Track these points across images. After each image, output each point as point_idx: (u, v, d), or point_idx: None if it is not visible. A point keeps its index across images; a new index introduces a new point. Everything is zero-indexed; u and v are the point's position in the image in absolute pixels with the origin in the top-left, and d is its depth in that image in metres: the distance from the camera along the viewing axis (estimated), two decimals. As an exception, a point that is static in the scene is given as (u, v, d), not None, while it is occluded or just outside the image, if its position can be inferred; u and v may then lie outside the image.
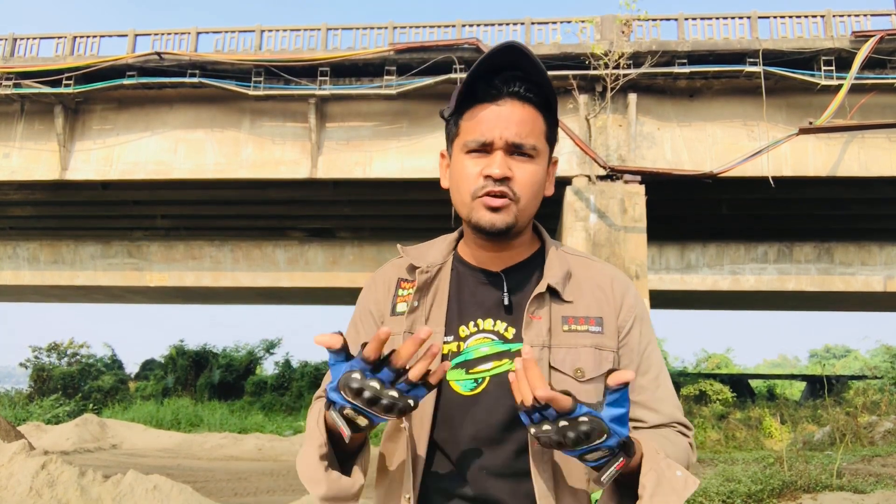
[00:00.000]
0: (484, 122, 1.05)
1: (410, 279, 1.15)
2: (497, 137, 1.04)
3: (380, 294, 1.18)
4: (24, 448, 5.90)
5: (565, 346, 1.07)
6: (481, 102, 1.06)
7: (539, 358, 1.04)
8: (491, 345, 1.08)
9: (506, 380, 1.01)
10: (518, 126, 1.04)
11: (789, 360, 60.29)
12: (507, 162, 1.05)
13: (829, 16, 12.16)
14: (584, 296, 1.11)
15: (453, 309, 1.11)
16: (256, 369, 23.55)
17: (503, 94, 1.05)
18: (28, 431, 11.33)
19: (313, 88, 12.59)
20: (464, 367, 1.07)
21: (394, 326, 1.10)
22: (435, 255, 1.16)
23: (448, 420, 1.06)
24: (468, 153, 1.07)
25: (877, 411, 14.06)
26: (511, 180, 1.05)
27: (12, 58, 13.41)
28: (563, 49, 12.30)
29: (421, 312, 1.10)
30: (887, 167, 12.32)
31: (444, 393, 1.07)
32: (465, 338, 1.09)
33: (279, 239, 16.92)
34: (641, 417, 1.10)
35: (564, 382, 1.04)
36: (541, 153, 1.08)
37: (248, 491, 8.34)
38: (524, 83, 1.05)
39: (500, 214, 1.05)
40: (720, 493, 5.91)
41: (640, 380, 1.11)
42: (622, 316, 1.11)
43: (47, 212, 16.67)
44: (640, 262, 11.95)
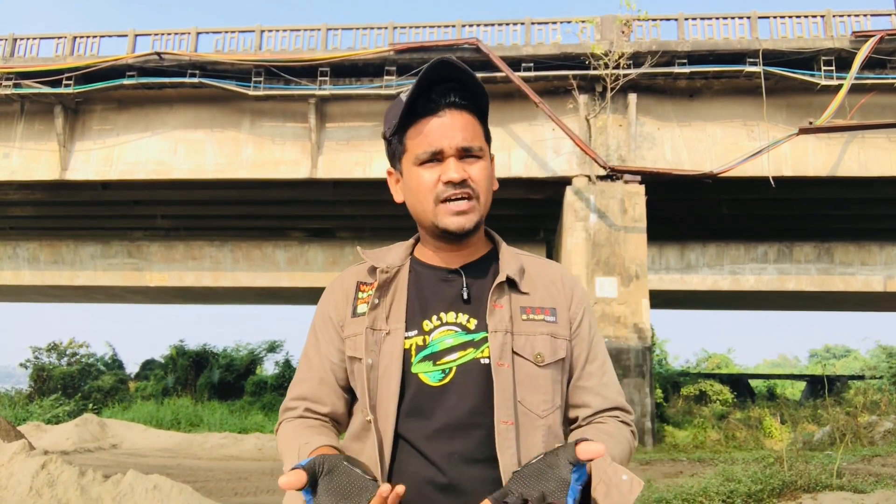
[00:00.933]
0: (431, 134, 1.12)
1: (369, 281, 1.20)
2: (447, 146, 1.11)
3: (339, 300, 1.22)
4: (24, 448, 5.90)
5: (525, 333, 1.13)
6: (423, 117, 1.13)
7: (503, 343, 1.10)
8: (455, 336, 1.12)
9: (471, 368, 1.09)
10: (463, 132, 1.12)
11: (789, 360, 60.31)
12: (461, 165, 1.12)
13: (829, 16, 12.16)
14: (538, 289, 1.19)
15: (414, 305, 1.16)
16: (257, 369, 23.55)
17: (441, 105, 1.12)
18: (28, 431, 11.33)
19: (313, 88, 12.59)
20: (431, 359, 1.12)
21: (356, 327, 1.16)
22: (393, 258, 1.21)
23: (417, 411, 1.09)
24: (421, 165, 1.13)
25: (877, 411, 14.06)
26: (468, 181, 1.12)
27: (12, 58, 13.42)
28: (563, 49, 12.30)
29: (381, 309, 1.15)
30: (887, 167, 12.32)
31: (412, 385, 1.10)
32: (430, 331, 1.13)
33: (279, 239, 16.93)
34: (588, 402, 1.19)
35: (526, 366, 1.11)
36: (485, 152, 1.16)
37: (249, 491, 8.34)
38: (458, 93, 1.13)
39: (466, 216, 1.12)
40: (720, 493, 5.90)
41: (589, 367, 1.20)
42: (573, 308, 1.20)
43: (47, 212, 16.67)
44: (640, 262, 11.95)
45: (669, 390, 19.70)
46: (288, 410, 1.23)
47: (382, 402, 1.09)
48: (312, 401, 1.20)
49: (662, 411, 16.62)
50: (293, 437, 1.15)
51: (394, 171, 1.22)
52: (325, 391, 1.20)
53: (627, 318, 11.75)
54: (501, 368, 1.09)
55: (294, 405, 1.22)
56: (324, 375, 1.20)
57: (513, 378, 1.09)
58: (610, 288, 11.82)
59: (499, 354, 1.09)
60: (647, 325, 11.87)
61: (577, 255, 12.02)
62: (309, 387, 1.21)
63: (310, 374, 1.21)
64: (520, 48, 12.47)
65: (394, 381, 1.09)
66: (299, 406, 1.21)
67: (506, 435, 1.06)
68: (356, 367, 1.15)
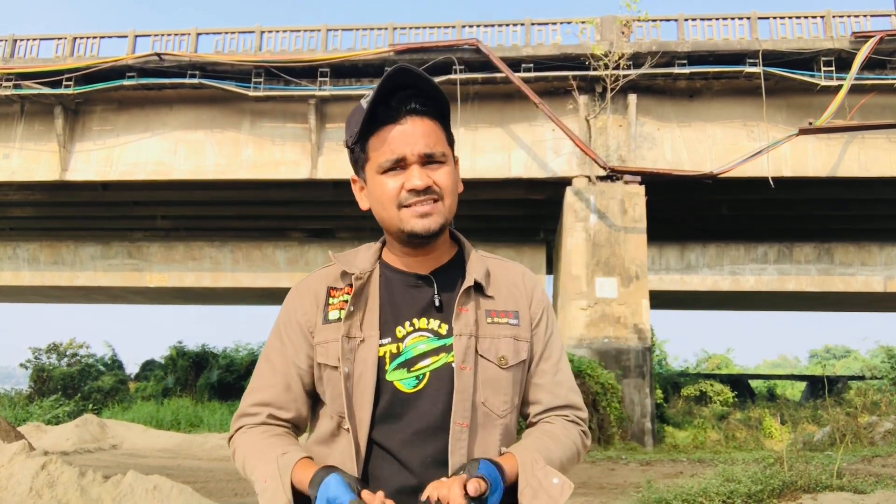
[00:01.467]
0: (393, 142, 1.12)
1: (340, 286, 1.20)
2: (409, 153, 1.12)
3: (307, 304, 1.21)
4: (24, 448, 5.90)
5: (489, 336, 1.15)
6: (384, 125, 1.13)
7: (467, 346, 1.12)
8: (427, 342, 1.14)
9: (444, 373, 1.11)
10: (425, 138, 1.12)
11: (789, 361, 60.30)
12: (424, 172, 1.12)
13: (828, 16, 12.16)
14: (502, 292, 1.21)
15: (387, 312, 1.17)
16: (257, 370, 23.54)
17: (402, 113, 1.13)
18: (28, 432, 11.32)
19: (313, 89, 12.59)
20: (405, 366, 1.13)
21: (329, 334, 1.15)
22: (363, 262, 1.21)
23: (391, 418, 1.11)
24: (384, 173, 1.14)
25: (877, 411, 14.05)
26: (432, 187, 1.12)
27: (12, 59, 13.42)
28: (563, 50, 12.31)
29: (356, 317, 1.15)
30: (887, 167, 12.32)
31: (387, 393, 1.12)
32: (403, 338, 1.14)
33: (279, 240, 16.93)
34: (539, 399, 1.22)
35: (490, 368, 1.13)
36: (448, 157, 1.16)
37: (248, 491, 8.33)
38: (418, 99, 1.13)
39: (431, 218, 1.12)
40: (720, 494, 5.90)
41: (543, 365, 1.22)
42: (533, 308, 1.22)
43: (47, 212, 16.67)
44: (640, 262, 11.95)
45: (669, 391, 19.71)
46: (246, 416, 1.20)
47: (357, 410, 1.10)
48: (276, 407, 1.18)
49: (662, 412, 16.62)
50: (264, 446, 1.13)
51: (358, 178, 1.23)
52: (290, 397, 1.19)
53: (627, 318, 11.75)
54: (463, 371, 1.11)
55: (255, 411, 1.19)
56: (290, 381, 1.18)
57: (474, 380, 1.11)
58: (610, 288, 11.82)
59: (462, 358, 1.11)
60: (647, 325, 11.87)
61: (577, 255, 12.02)
62: (273, 393, 1.19)
63: (274, 379, 1.19)
64: (520, 49, 12.47)
65: (368, 389, 1.10)
66: (261, 412, 1.19)
67: (458, 436, 1.08)
68: (327, 373, 1.14)
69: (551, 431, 1.19)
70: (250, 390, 1.23)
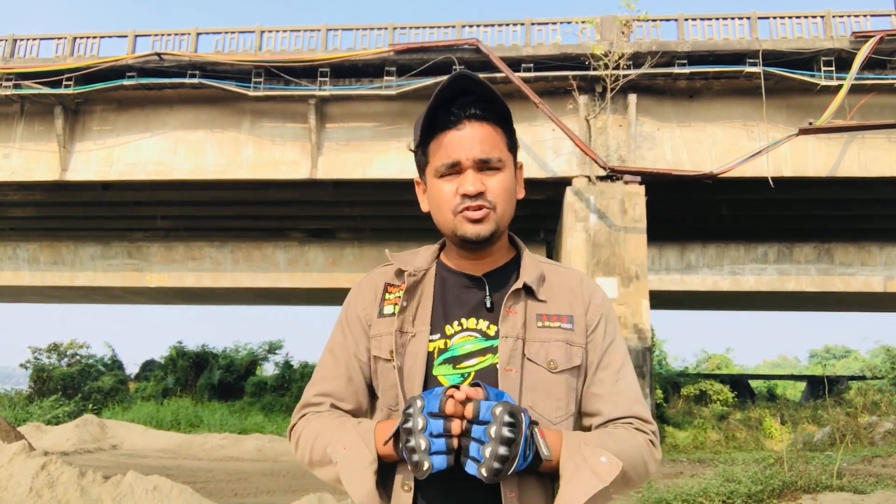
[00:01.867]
0: (450, 147, 1.15)
1: (397, 283, 1.23)
2: (464, 158, 1.14)
3: (367, 299, 1.25)
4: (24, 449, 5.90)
5: (539, 339, 1.15)
6: (443, 130, 1.16)
7: (513, 348, 1.12)
8: (475, 342, 1.15)
9: (489, 374, 1.12)
10: (481, 144, 1.14)
11: (789, 361, 60.28)
12: (478, 178, 1.14)
13: (828, 16, 12.16)
14: (556, 297, 1.21)
15: (438, 309, 1.19)
16: (256, 370, 23.55)
17: (461, 118, 1.15)
18: (28, 432, 11.33)
19: (313, 89, 12.59)
20: (451, 362, 1.15)
21: (383, 328, 1.19)
22: (420, 261, 1.24)
23: None
24: (441, 177, 1.17)
25: (877, 412, 14.06)
26: (485, 193, 1.14)
27: (12, 58, 13.42)
28: (563, 49, 12.31)
29: (409, 312, 1.18)
30: (887, 167, 12.32)
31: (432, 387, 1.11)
32: (451, 335, 1.16)
33: (279, 240, 16.93)
34: (598, 410, 1.18)
35: (538, 372, 1.13)
36: (506, 163, 1.17)
37: (248, 491, 8.34)
38: (478, 104, 1.15)
39: (482, 224, 1.14)
40: (720, 494, 5.91)
41: (601, 373, 1.19)
42: (590, 314, 1.21)
43: (47, 212, 16.67)
44: (640, 262, 11.95)
45: (669, 391, 19.71)
46: (310, 406, 1.23)
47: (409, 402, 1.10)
48: (337, 398, 1.21)
49: (662, 412, 16.62)
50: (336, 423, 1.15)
51: (420, 181, 1.26)
52: (351, 389, 1.22)
53: (627, 318, 11.75)
54: (508, 373, 1.11)
55: (318, 401, 1.22)
56: (352, 373, 1.22)
57: (520, 383, 1.11)
58: (610, 288, 11.82)
59: (507, 360, 1.11)
60: (647, 325, 11.88)
61: (577, 255, 12.02)
62: (336, 384, 1.22)
63: (336, 370, 1.23)
64: (520, 49, 12.47)
65: (417, 383, 1.13)
66: (324, 402, 1.22)
67: None
68: (380, 366, 1.18)
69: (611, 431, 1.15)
70: (313, 381, 1.26)
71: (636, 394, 1.21)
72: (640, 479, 1.13)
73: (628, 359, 1.24)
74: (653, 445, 1.17)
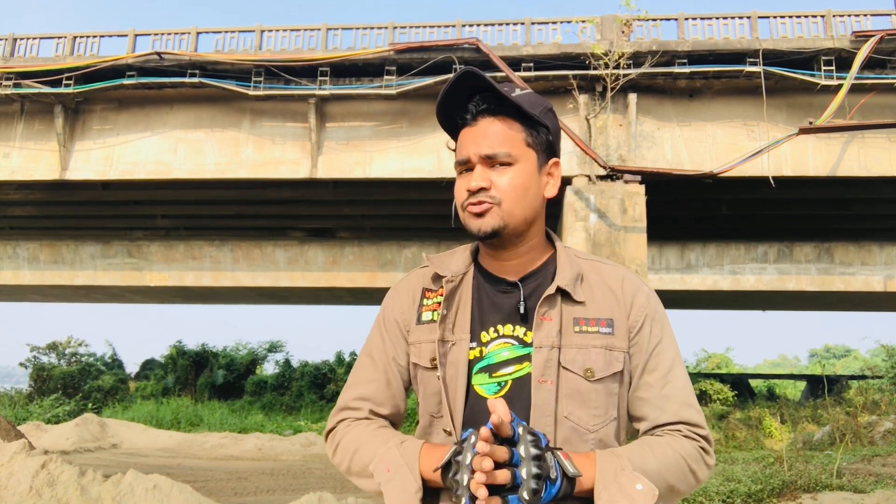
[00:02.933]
0: (463, 144, 1.16)
1: (434, 288, 1.21)
2: (472, 154, 1.14)
3: (405, 303, 1.23)
4: (24, 447, 5.90)
5: (576, 346, 1.11)
6: (463, 128, 1.17)
7: (547, 359, 1.09)
8: (511, 349, 1.13)
9: (527, 382, 1.09)
10: (490, 139, 1.13)
11: (789, 360, 60.31)
12: (487, 173, 1.13)
13: (829, 16, 12.15)
14: (596, 298, 1.15)
15: (475, 316, 1.17)
16: (257, 369, 23.57)
17: (475, 114, 1.15)
18: (28, 431, 11.33)
19: (313, 88, 12.59)
20: (487, 371, 1.13)
21: (422, 335, 1.18)
22: (458, 264, 1.22)
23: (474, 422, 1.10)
24: (459, 174, 1.18)
25: (877, 411, 14.06)
26: (489, 188, 1.12)
27: (12, 58, 13.41)
28: (563, 49, 12.30)
29: (448, 320, 1.16)
30: (887, 167, 12.31)
31: (471, 397, 1.12)
32: (487, 343, 1.14)
33: (279, 239, 16.92)
34: (646, 415, 1.14)
35: (575, 381, 1.09)
36: (519, 158, 1.14)
37: (248, 491, 8.34)
38: (493, 100, 1.14)
39: (484, 218, 1.12)
40: (720, 493, 5.91)
41: (648, 377, 1.14)
42: (632, 316, 1.15)
43: (47, 212, 16.67)
44: (640, 262, 11.95)
45: (669, 390, 19.67)
46: (349, 410, 1.22)
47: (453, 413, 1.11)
48: (376, 403, 1.21)
49: (662, 411, 16.59)
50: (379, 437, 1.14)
51: None
52: (389, 393, 1.21)
53: (627, 317, 11.74)
54: (542, 385, 1.08)
55: (357, 405, 1.21)
56: (390, 377, 1.21)
57: (556, 394, 1.08)
58: (610, 288, 11.81)
59: (541, 371, 1.09)
60: (647, 324, 11.86)
61: (577, 254, 12.01)
62: (375, 388, 1.21)
63: (375, 374, 1.22)
64: (520, 48, 12.47)
65: (460, 392, 1.11)
66: (363, 407, 1.21)
67: None
68: (420, 373, 1.17)
69: (653, 441, 1.10)
70: (351, 384, 1.24)
71: (686, 397, 1.15)
72: (688, 488, 1.10)
73: (679, 360, 1.18)
74: (703, 452, 1.12)
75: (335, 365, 22.17)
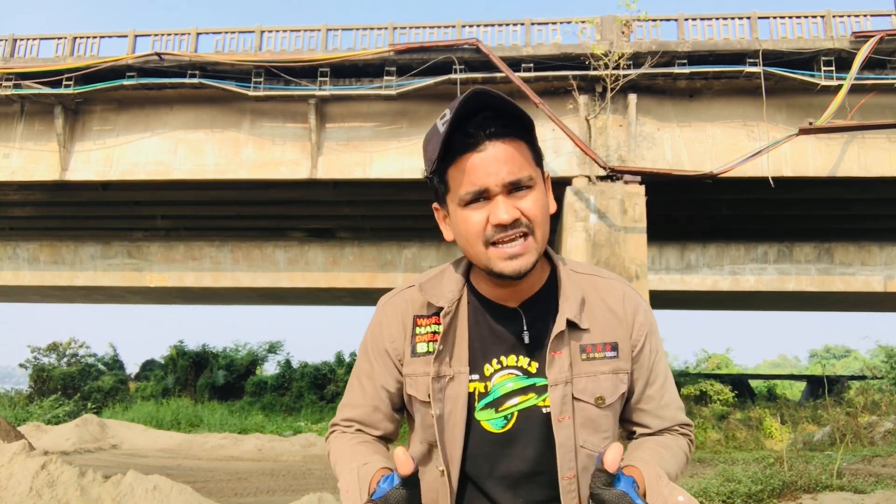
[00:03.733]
0: (473, 172, 1.02)
1: (427, 314, 1.14)
2: (492, 184, 1.02)
3: (395, 333, 1.16)
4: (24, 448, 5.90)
5: (585, 374, 1.09)
6: (463, 153, 1.03)
7: (563, 395, 1.08)
8: (516, 380, 1.10)
9: (533, 414, 1.08)
10: (508, 165, 1.02)
11: (789, 360, 60.28)
12: (510, 203, 1.03)
13: (829, 16, 12.16)
14: (598, 321, 1.12)
15: (475, 347, 1.12)
16: (257, 370, 23.56)
17: (481, 138, 1.02)
18: (28, 432, 11.33)
19: (313, 89, 12.59)
20: (493, 406, 1.10)
21: (417, 367, 1.13)
22: (451, 290, 1.14)
23: (481, 457, 1.10)
24: (466, 206, 1.05)
25: (877, 411, 14.06)
26: (520, 219, 1.03)
27: (12, 58, 13.41)
28: (563, 49, 12.30)
29: (444, 353, 1.11)
30: (887, 167, 12.32)
31: (475, 432, 1.10)
32: (490, 375, 1.11)
33: (279, 239, 16.93)
34: (648, 424, 1.20)
35: (587, 410, 1.09)
36: (536, 179, 1.06)
37: (249, 491, 8.34)
38: (497, 121, 1.03)
39: (522, 259, 1.03)
40: (720, 494, 5.91)
41: (649, 390, 1.17)
42: (634, 336, 1.14)
43: (47, 212, 16.67)
44: (640, 262, 11.95)
45: (669, 391, 19.67)
46: (339, 426, 1.25)
47: (449, 448, 1.09)
48: (365, 425, 1.22)
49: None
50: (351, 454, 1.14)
51: (440, 207, 1.14)
52: (378, 417, 1.21)
53: (627, 318, 11.74)
54: (563, 423, 1.07)
55: (346, 425, 1.24)
56: (378, 404, 1.20)
57: (573, 429, 1.08)
58: (610, 288, 11.80)
59: (559, 409, 1.07)
60: (647, 325, 11.86)
61: (576, 255, 12.02)
62: (362, 413, 1.21)
63: (364, 400, 1.21)
64: (520, 48, 12.47)
65: (459, 428, 1.09)
66: (352, 426, 1.23)
67: (568, 489, 1.07)
68: (417, 406, 1.14)
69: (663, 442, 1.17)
70: (343, 405, 1.25)
71: (678, 402, 1.21)
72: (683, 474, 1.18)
73: (668, 364, 1.22)
74: (691, 443, 1.23)
75: (335, 365, 22.18)
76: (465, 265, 1.18)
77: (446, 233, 1.15)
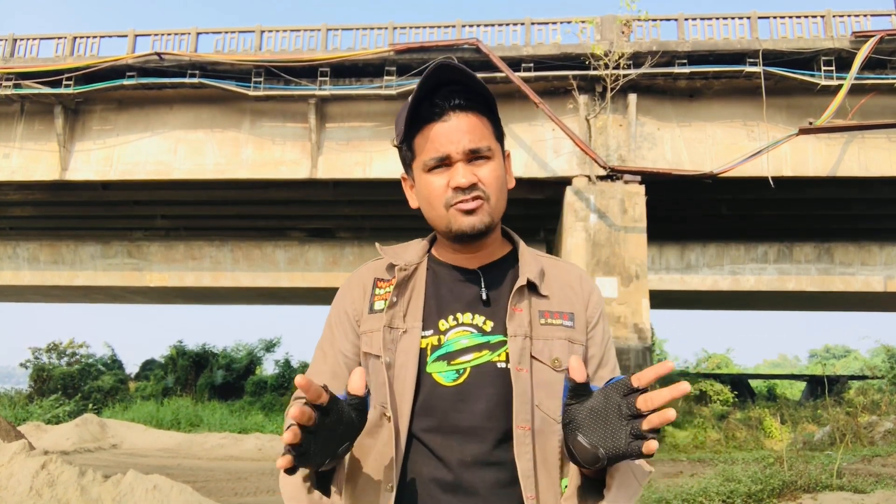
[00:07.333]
0: (437, 140, 1.11)
1: (387, 278, 1.20)
2: (454, 151, 1.10)
3: (356, 295, 1.22)
4: (24, 448, 5.90)
5: (543, 337, 1.13)
6: (428, 123, 1.12)
7: (522, 347, 1.10)
8: (470, 337, 1.12)
9: (487, 368, 1.09)
10: (469, 134, 1.11)
11: (789, 360, 60.31)
12: (469, 169, 1.11)
13: (829, 16, 12.16)
14: (557, 293, 1.18)
15: (431, 304, 1.16)
16: (256, 369, 23.55)
17: (446, 109, 1.11)
18: (28, 431, 11.33)
19: (313, 89, 12.59)
20: (445, 358, 1.12)
21: (373, 324, 1.16)
22: (411, 255, 1.21)
23: (430, 410, 1.10)
24: (429, 171, 1.13)
25: (877, 411, 14.05)
26: (478, 184, 1.11)
27: (12, 58, 13.42)
28: (563, 49, 12.31)
29: (399, 307, 1.15)
30: (887, 167, 12.32)
31: (426, 385, 1.10)
32: (445, 331, 1.13)
33: (279, 239, 16.93)
34: None
35: (544, 371, 1.11)
36: (495, 152, 1.14)
37: (249, 491, 8.34)
38: (462, 94, 1.11)
39: (476, 216, 1.11)
40: (720, 493, 5.90)
41: (601, 371, 1.20)
42: (589, 311, 1.19)
43: (47, 212, 16.67)
44: (640, 262, 11.95)
45: (669, 390, 19.65)
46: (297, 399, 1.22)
47: (399, 401, 1.10)
48: None
49: (662, 411, 16.57)
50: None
51: (407, 177, 1.22)
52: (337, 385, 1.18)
53: (627, 318, 11.75)
54: (521, 373, 1.08)
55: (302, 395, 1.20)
56: (337, 369, 1.20)
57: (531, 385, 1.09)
58: (610, 288, 11.82)
59: (518, 359, 1.09)
60: (646, 325, 11.88)
61: (577, 255, 12.02)
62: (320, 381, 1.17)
63: (324, 366, 1.22)
64: (520, 48, 12.47)
65: (409, 380, 1.10)
66: None
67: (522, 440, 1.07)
68: (371, 363, 1.15)
69: None
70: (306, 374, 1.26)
71: None
72: None
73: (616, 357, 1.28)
74: None
75: (335, 365, 22.12)
76: (430, 238, 1.26)
77: (411, 200, 1.23)
